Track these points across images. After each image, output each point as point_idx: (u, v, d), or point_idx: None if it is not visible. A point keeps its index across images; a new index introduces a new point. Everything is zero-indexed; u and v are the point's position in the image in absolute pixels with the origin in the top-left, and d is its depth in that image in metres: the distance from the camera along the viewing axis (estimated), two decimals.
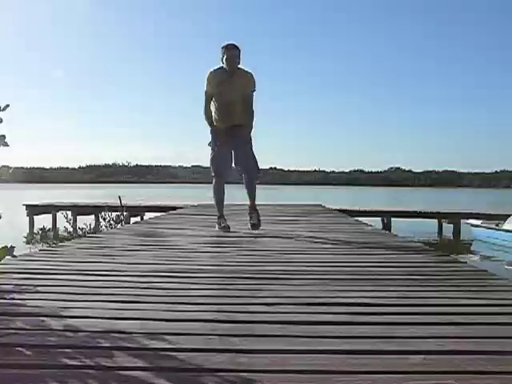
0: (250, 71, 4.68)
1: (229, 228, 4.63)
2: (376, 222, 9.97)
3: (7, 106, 1.82)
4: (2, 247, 1.83)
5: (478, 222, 11.46)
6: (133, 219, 11.00)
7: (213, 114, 4.70)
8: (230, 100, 4.60)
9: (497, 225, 10.70)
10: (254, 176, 4.79)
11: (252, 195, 4.80)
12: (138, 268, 2.64)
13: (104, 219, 9.57)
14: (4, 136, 1.80)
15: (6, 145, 1.80)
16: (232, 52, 4.54)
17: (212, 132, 4.72)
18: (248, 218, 4.78)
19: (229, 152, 4.70)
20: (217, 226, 4.73)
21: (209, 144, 4.77)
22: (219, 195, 4.89)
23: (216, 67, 4.62)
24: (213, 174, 4.80)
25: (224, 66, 4.57)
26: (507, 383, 1.17)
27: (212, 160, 4.76)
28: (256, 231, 4.61)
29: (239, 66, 4.63)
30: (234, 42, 4.61)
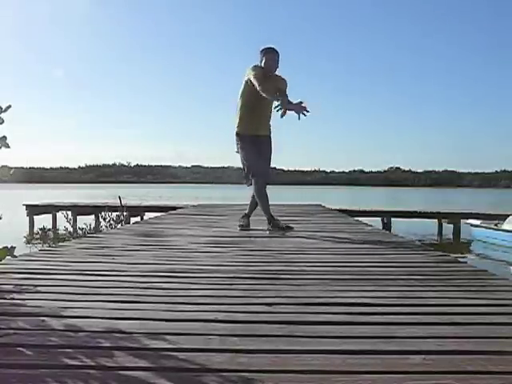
0: (284, 78, 4.62)
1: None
2: (376, 222, 9.96)
3: (9, 106, 1.82)
4: (3, 247, 1.83)
5: (478, 222, 11.46)
6: (133, 219, 11.00)
7: (240, 116, 4.60)
8: (263, 109, 4.51)
9: (496, 225, 10.70)
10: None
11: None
12: (138, 268, 2.64)
13: (104, 219, 9.55)
14: (5, 137, 1.80)
15: (8, 146, 1.80)
16: (271, 56, 4.45)
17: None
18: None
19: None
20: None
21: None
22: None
23: (256, 66, 4.48)
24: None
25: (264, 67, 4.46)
26: (507, 383, 1.17)
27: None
28: (255, 231, 4.61)
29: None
30: (273, 46, 4.51)
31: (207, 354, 1.32)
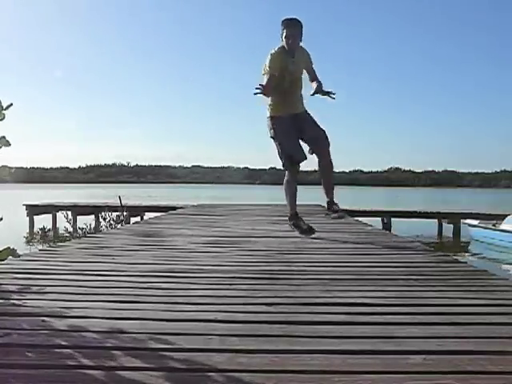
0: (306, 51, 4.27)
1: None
2: (376, 222, 9.97)
3: (10, 104, 1.82)
4: (6, 248, 1.84)
5: (476, 222, 11.46)
6: (133, 219, 11.01)
7: (271, 99, 4.18)
8: (293, 88, 4.17)
9: (494, 225, 10.69)
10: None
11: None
12: (138, 268, 2.64)
13: (104, 219, 9.57)
14: (4, 137, 1.80)
15: (9, 144, 1.81)
16: (291, 31, 4.07)
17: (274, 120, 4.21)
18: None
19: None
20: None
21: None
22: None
23: (276, 47, 4.15)
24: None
25: (283, 44, 4.13)
26: (507, 383, 1.17)
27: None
28: (255, 231, 4.62)
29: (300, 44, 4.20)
30: (295, 17, 4.12)
31: (207, 353, 1.32)
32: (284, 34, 4.09)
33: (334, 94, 4.15)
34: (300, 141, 4.22)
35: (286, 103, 4.22)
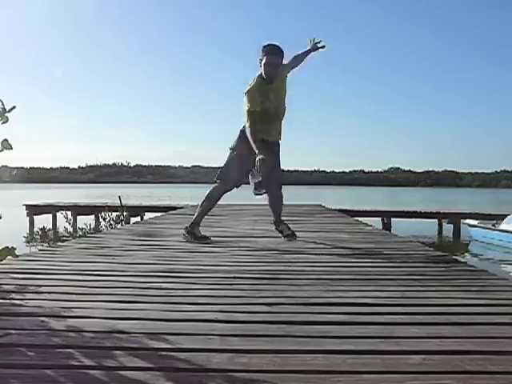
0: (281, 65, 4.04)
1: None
2: (376, 222, 9.96)
3: (13, 107, 1.82)
4: (5, 247, 1.84)
5: (475, 222, 11.46)
6: (133, 219, 11.01)
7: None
8: (278, 114, 4.06)
9: (493, 225, 10.69)
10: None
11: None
12: (138, 268, 2.64)
13: (104, 219, 9.57)
14: (7, 140, 1.80)
15: (10, 148, 1.80)
16: (274, 59, 3.90)
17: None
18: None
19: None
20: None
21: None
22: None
23: (253, 80, 3.99)
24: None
25: (261, 72, 3.96)
26: (507, 383, 1.17)
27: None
28: (255, 231, 4.62)
29: None
30: (277, 44, 3.96)
31: (207, 353, 1.32)
32: (264, 60, 3.92)
33: (319, 43, 4.32)
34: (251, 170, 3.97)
35: (263, 130, 3.99)
